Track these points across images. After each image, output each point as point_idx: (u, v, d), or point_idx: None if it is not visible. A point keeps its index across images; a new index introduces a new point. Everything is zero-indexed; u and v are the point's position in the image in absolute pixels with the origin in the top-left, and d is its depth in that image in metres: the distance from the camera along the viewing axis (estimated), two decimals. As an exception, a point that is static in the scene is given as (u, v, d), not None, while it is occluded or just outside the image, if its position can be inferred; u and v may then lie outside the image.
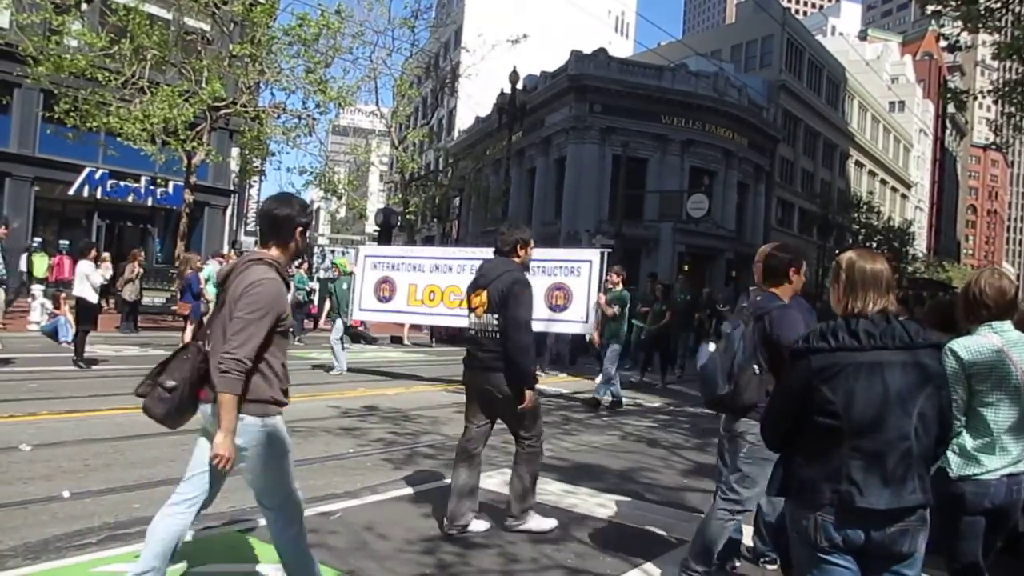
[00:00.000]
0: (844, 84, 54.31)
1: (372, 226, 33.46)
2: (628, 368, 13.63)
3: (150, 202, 22.80)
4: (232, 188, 26.18)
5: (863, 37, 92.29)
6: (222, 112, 17.69)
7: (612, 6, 55.79)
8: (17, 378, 8.84)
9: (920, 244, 67.07)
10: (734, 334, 3.42)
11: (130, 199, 22.37)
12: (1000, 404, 2.90)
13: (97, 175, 21.38)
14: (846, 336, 2.22)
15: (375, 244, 26.46)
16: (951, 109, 62.37)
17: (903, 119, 68.31)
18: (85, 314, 10.31)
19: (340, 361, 11.25)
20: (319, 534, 4.01)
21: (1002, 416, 2.90)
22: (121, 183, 21.83)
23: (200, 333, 3.09)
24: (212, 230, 24.37)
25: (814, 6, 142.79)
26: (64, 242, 19.55)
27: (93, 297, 10.35)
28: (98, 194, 21.68)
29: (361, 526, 4.32)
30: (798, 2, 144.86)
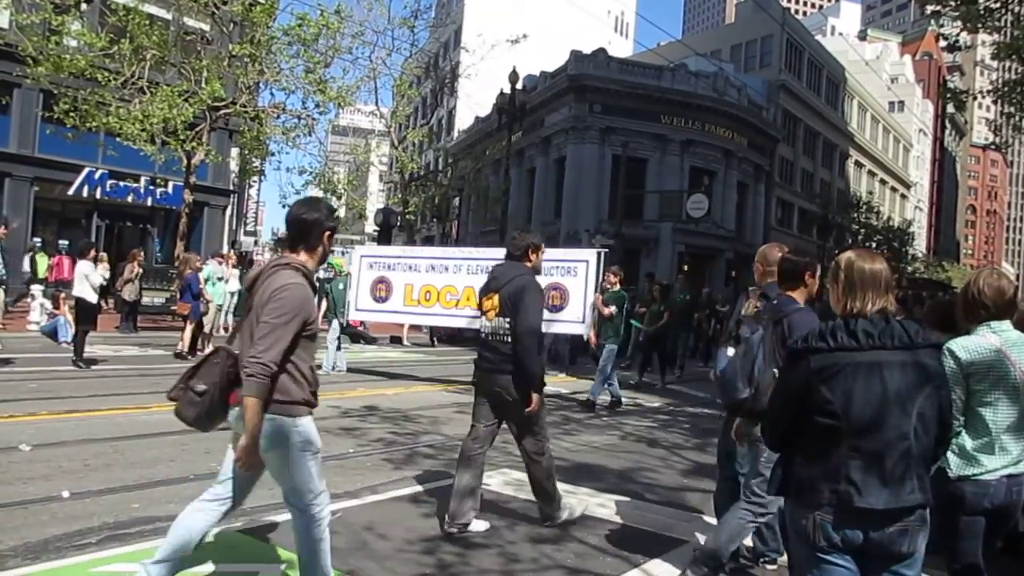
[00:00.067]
0: (844, 84, 54.33)
1: (372, 226, 33.46)
2: (626, 365, 13.64)
3: (150, 202, 22.78)
4: (232, 188, 26.18)
5: (863, 37, 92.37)
6: (222, 112, 17.69)
7: (612, 6, 55.79)
8: (17, 378, 8.84)
9: (920, 244, 67.11)
10: (753, 338, 3.45)
11: (130, 199, 22.35)
12: (999, 404, 2.90)
13: (97, 175, 21.36)
14: (845, 336, 2.22)
15: (373, 244, 26.48)
16: (951, 109, 62.36)
17: (903, 119, 68.35)
18: (85, 314, 10.32)
19: (329, 360, 11.29)
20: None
21: (1001, 416, 2.90)
22: (121, 183, 21.81)
23: (230, 337, 3.13)
24: (212, 230, 24.36)
25: (814, 6, 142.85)
26: (63, 242, 19.55)
27: (92, 297, 10.35)
28: (98, 194, 21.66)
29: (361, 526, 4.32)
30: (798, 2, 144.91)
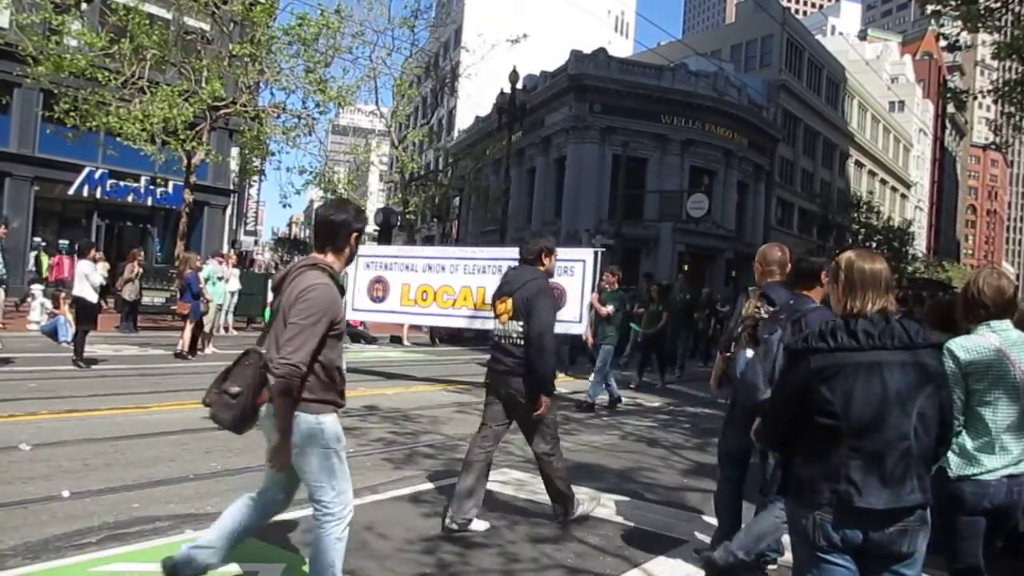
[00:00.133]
0: (844, 84, 54.32)
1: (372, 226, 33.47)
2: (624, 364, 13.61)
3: (150, 202, 22.78)
4: (232, 188, 26.19)
5: (863, 37, 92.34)
6: (222, 112, 17.69)
7: (612, 6, 55.78)
8: (17, 378, 8.84)
9: (920, 244, 67.11)
10: (772, 339, 3.47)
11: (130, 199, 22.34)
12: (998, 403, 2.90)
13: (97, 175, 21.35)
14: (845, 336, 2.22)
15: (373, 243, 26.47)
16: (951, 109, 62.37)
17: (903, 119, 68.34)
18: (85, 314, 10.31)
19: None
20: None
21: (1000, 415, 2.90)
22: (121, 183, 21.80)
23: (260, 339, 3.15)
24: (212, 230, 24.35)
25: (814, 6, 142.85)
26: (63, 242, 19.56)
27: (93, 297, 10.35)
28: (98, 194, 21.65)
29: (361, 526, 4.31)
30: (798, 2, 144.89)
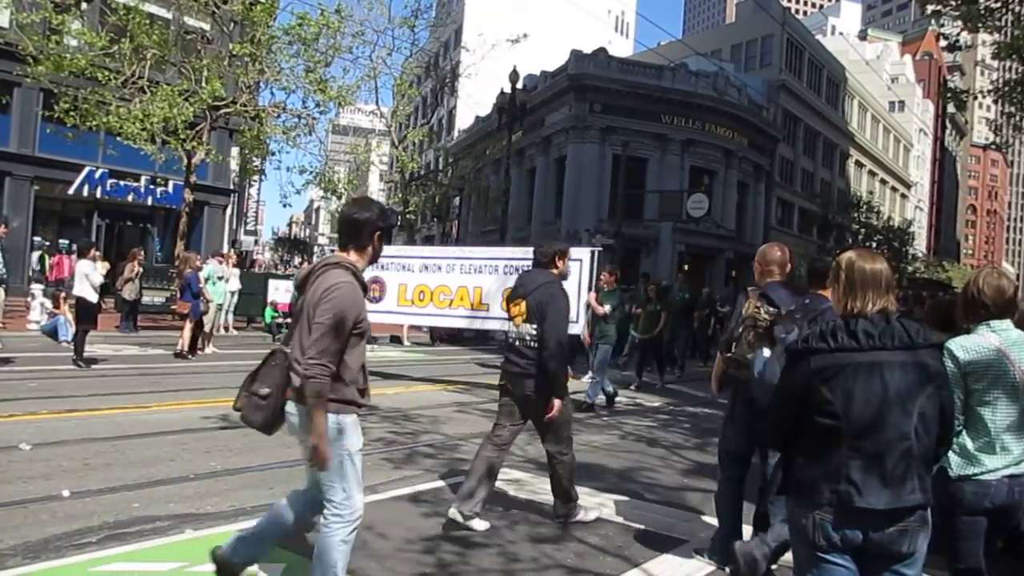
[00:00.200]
0: (844, 84, 54.32)
1: (372, 225, 33.43)
2: (622, 363, 13.61)
3: (150, 201, 22.79)
4: (232, 187, 26.19)
5: (863, 37, 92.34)
6: (222, 111, 17.68)
7: (612, 6, 55.78)
8: (17, 377, 8.84)
9: (920, 244, 67.12)
10: (788, 338, 3.47)
11: (130, 198, 22.35)
12: (998, 403, 2.89)
13: (97, 174, 21.36)
14: (845, 337, 2.22)
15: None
16: (951, 109, 62.37)
17: (903, 119, 68.34)
18: (85, 313, 10.31)
19: None
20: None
21: (1000, 415, 2.89)
22: (121, 182, 21.81)
23: (286, 338, 3.17)
24: (212, 229, 24.36)
25: (814, 6, 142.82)
26: (63, 241, 19.55)
27: (93, 296, 10.35)
28: (98, 193, 21.66)
29: (361, 526, 4.29)
30: (798, 2, 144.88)
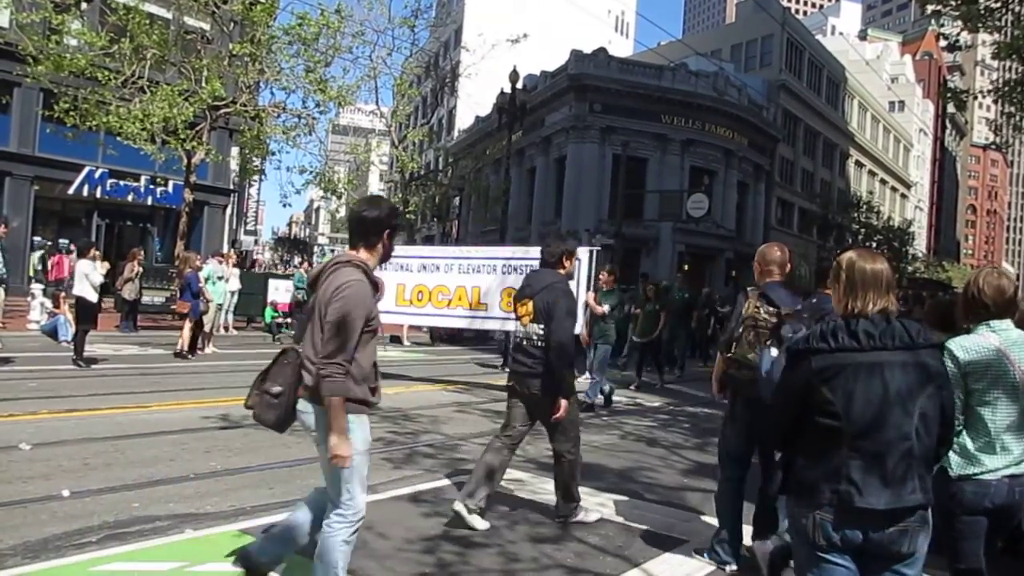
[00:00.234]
0: (844, 84, 54.32)
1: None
2: (622, 365, 13.61)
3: (150, 201, 22.79)
4: (232, 187, 26.17)
5: (863, 37, 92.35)
6: (222, 111, 17.67)
7: (612, 6, 55.77)
8: (17, 377, 8.84)
9: (920, 244, 67.12)
10: (796, 338, 3.44)
11: (130, 198, 22.35)
12: (998, 403, 2.89)
13: (97, 174, 21.36)
14: (846, 337, 2.22)
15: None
16: (951, 109, 62.40)
17: (903, 119, 68.34)
18: (85, 313, 10.31)
19: None
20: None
21: (1000, 415, 2.89)
22: (121, 182, 21.80)
23: (297, 336, 3.16)
24: (212, 229, 24.36)
25: (814, 6, 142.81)
26: (63, 241, 19.51)
27: (93, 296, 10.35)
28: (98, 193, 21.65)
29: (362, 525, 4.31)
30: (798, 2, 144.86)
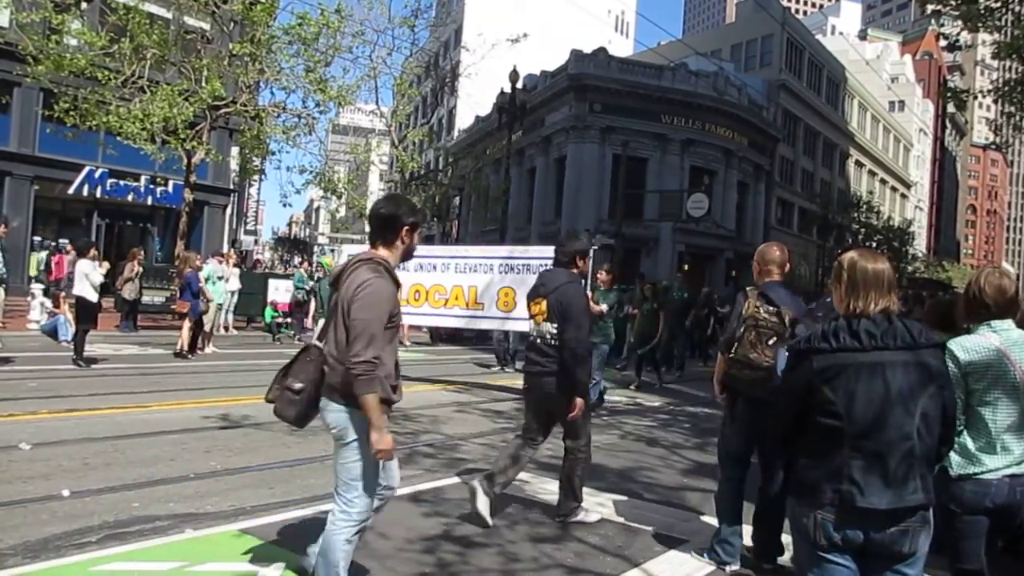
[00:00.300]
0: (844, 84, 54.34)
1: (372, 225, 33.42)
2: (621, 367, 13.59)
3: (150, 201, 22.77)
4: (232, 187, 26.16)
5: (863, 37, 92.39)
6: (222, 111, 17.66)
7: (612, 5, 55.78)
8: (17, 377, 8.83)
9: (920, 244, 67.15)
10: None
11: (130, 198, 22.34)
12: (998, 403, 2.89)
13: (97, 174, 21.34)
14: (847, 337, 2.22)
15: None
16: (951, 109, 62.40)
17: (903, 119, 68.35)
18: (85, 313, 10.31)
19: None
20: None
21: (1000, 415, 2.89)
22: (121, 182, 21.79)
23: (320, 334, 3.17)
24: (212, 229, 24.35)
25: (814, 5, 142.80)
26: (63, 241, 19.52)
27: (93, 296, 10.35)
28: (98, 193, 21.64)
29: (366, 526, 4.31)
30: (798, 1, 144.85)
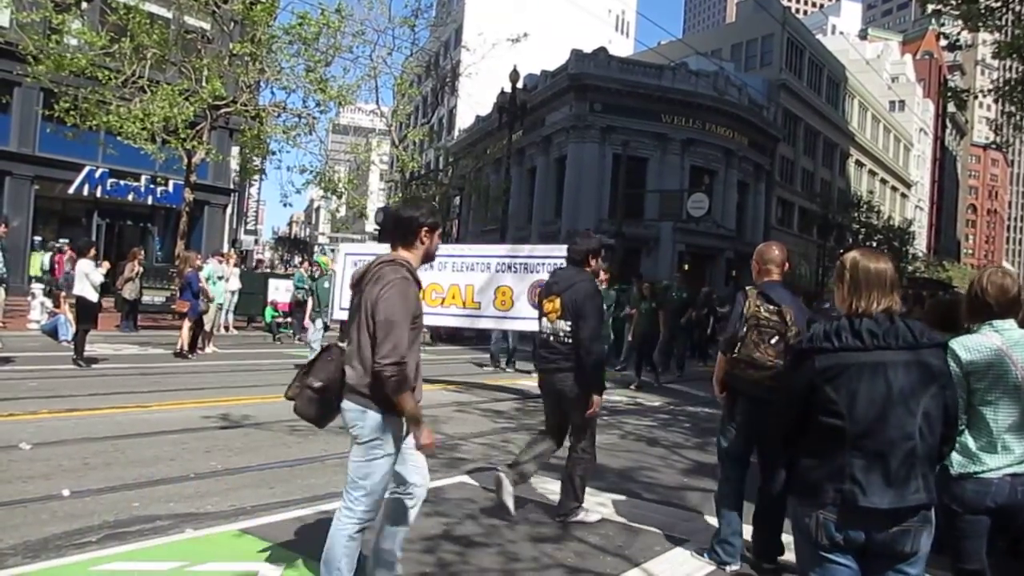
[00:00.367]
0: (844, 83, 54.34)
1: (372, 225, 33.46)
2: (620, 368, 13.58)
3: (150, 201, 22.78)
4: (232, 187, 26.16)
5: (863, 36, 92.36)
6: (222, 111, 17.66)
7: (612, 5, 55.77)
8: (17, 377, 8.84)
9: (920, 243, 67.13)
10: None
11: (130, 198, 22.34)
12: (999, 403, 2.89)
13: (97, 174, 21.34)
14: (849, 336, 2.21)
15: (373, 243, 26.42)
16: (951, 108, 62.41)
17: (903, 118, 68.34)
18: (85, 313, 10.32)
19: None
20: (320, 533, 3.99)
21: (1002, 415, 2.89)
22: (121, 182, 21.79)
23: (342, 334, 3.21)
24: (212, 229, 24.35)
25: (814, 5, 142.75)
26: (63, 240, 19.52)
27: (93, 296, 10.36)
28: (98, 193, 21.64)
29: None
30: (798, 1, 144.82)
